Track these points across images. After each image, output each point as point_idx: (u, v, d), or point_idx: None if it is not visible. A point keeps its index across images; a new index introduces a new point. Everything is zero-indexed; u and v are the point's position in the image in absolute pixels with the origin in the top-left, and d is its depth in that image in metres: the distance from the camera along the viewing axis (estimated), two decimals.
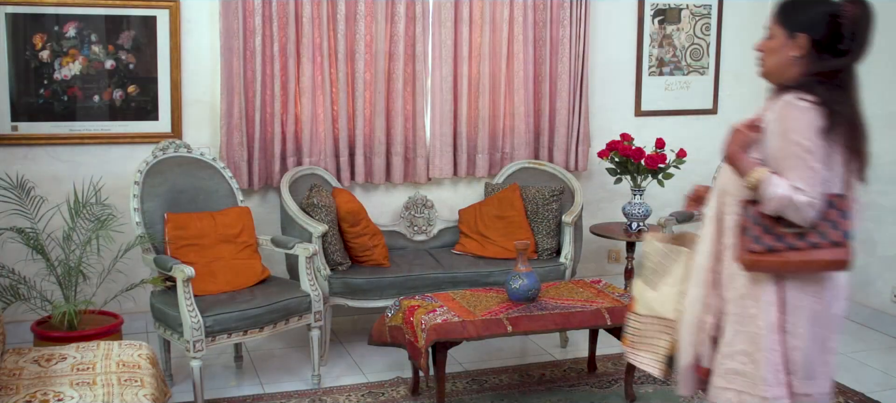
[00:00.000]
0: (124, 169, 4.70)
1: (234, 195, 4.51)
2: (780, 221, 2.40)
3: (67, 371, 3.11)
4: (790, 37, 2.51)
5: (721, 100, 6.04)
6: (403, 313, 3.99)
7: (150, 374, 3.18)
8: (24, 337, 4.46)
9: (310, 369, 4.31)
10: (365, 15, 5.00)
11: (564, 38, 5.39)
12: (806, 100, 2.39)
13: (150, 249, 4.16)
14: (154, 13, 4.76)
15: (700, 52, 5.92)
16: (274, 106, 4.92)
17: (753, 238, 2.41)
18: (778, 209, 2.38)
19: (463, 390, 4.25)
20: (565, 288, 4.30)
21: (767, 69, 2.61)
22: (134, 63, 4.78)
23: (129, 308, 4.55)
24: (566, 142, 5.49)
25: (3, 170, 4.51)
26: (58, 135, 4.71)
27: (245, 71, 4.85)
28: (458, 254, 5.01)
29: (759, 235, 2.41)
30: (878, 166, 5.31)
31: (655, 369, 2.87)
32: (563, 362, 4.61)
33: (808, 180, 2.36)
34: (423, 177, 5.28)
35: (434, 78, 5.23)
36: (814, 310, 2.46)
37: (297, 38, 4.93)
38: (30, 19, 4.59)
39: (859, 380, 4.43)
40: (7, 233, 4.21)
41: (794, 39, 2.50)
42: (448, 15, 5.16)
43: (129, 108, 4.82)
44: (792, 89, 2.43)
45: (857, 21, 2.47)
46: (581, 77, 5.45)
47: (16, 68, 4.60)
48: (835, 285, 2.50)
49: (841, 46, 2.47)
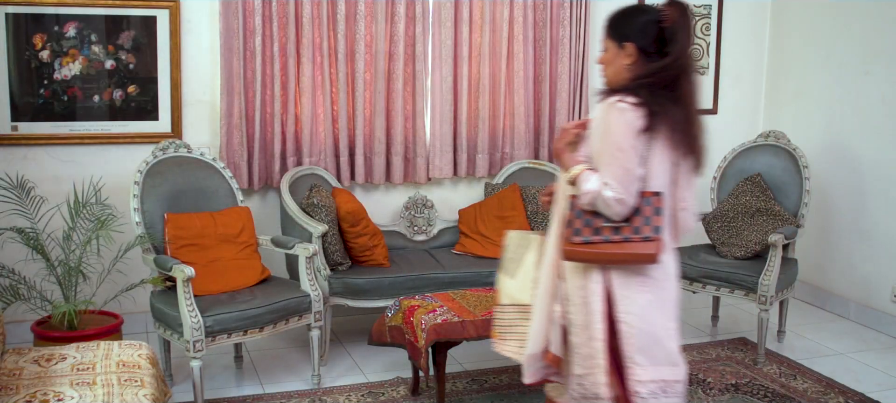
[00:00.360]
0: (124, 169, 4.70)
1: (234, 195, 4.51)
2: (600, 216, 2.59)
3: (67, 371, 3.11)
4: (620, 47, 2.68)
5: (721, 100, 6.04)
6: (403, 313, 3.99)
7: (150, 374, 3.18)
8: (24, 337, 4.46)
9: (310, 369, 4.30)
10: (365, 15, 5.00)
11: (564, 38, 5.39)
12: (626, 103, 2.55)
13: (150, 249, 4.16)
14: (154, 13, 4.76)
15: (700, 52, 5.92)
16: (274, 106, 4.92)
17: (574, 230, 2.61)
18: (590, 203, 2.58)
19: (463, 390, 4.25)
20: None
21: (608, 79, 2.75)
22: (134, 63, 4.78)
23: (129, 308, 4.55)
24: None
25: (3, 170, 4.51)
26: (58, 135, 4.71)
27: (245, 71, 4.85)
28: (458, 254, 5.01)
29: (579, 228, 2.60)
30: (879, 166, 5.35)
31: (521, 356, 2.90)
32: None
33: (619, 178, 2.53)
34: (423, 177, 5.28)
35: (434, 78, 5.23)
36: (643, 298, 2.60)
37: (297, 38, 4.93)
38: (30, 19, 4.59)
39: (859, 380, 4.43)
40: (7, 233, 4.21)
41: (623, 49, 2.67)
42: (448, 15, 5.16)
43: (129, 108, 4.82)
44: (618, 92, 2.61)
45: (677, 23, 2.61)
46: (581, 77, 5.45)
47: (16, 68, 4.60)
48: (662, 274, 2.63)
49: (665, 49, 2.62)
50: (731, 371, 4.50)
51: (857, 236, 5.38)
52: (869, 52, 5.27)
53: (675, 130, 2.59)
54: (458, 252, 5.05)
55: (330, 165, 5.07)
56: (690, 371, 4.47)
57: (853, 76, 5.38)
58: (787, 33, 5.91)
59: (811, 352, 4.84)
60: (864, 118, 5.31)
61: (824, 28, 5.60)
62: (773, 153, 5.04)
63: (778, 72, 6.01)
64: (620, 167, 2.54)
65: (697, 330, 5.18)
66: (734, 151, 5.18)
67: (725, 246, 4.90)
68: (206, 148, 4.74)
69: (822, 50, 5.62)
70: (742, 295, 4.64)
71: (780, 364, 4.61)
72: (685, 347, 4.84)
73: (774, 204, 4.87)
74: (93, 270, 4.22)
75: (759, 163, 5.06)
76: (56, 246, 4.23)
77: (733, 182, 5.10)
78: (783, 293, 4.73)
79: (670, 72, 2.60)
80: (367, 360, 4.62)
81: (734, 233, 4.90)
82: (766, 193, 4.91)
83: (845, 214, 5.45)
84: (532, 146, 5.47)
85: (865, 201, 5.31)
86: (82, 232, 4.17)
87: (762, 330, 4.58)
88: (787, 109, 5.91)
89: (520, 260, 2.93)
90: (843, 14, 5.45)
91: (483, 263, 4.82)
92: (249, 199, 4.95)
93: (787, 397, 4.19)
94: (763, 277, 4.52)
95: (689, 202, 2.70)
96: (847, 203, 5.43)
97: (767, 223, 4.82)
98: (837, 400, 4.16)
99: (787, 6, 5.91)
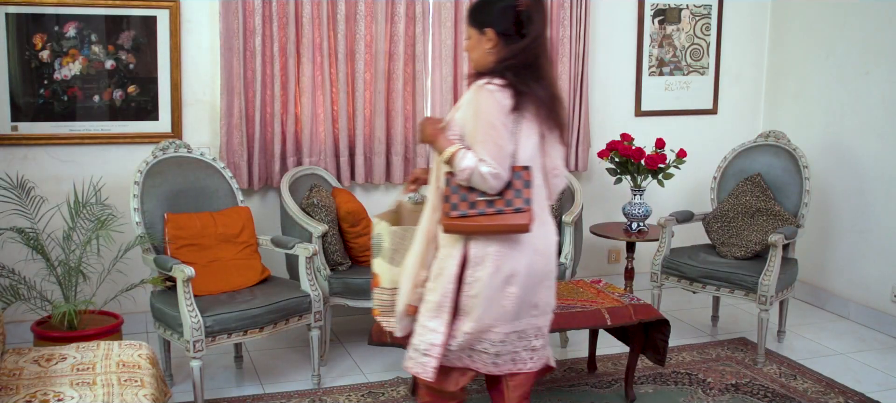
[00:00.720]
0: (124, 169, 4.70)
1: (234, 195, 4.51)
2: (475, 190, 2.79)
3: (67, 371, 3.11)
4: (481, 34, 2.89)
5: (721, 100, 6.04)
6: None
7: (150, 374, 3.18)
8: (24, 337, 4.47)
9: (310, 369, 4.31)
10: (365, 15, 5.00)
11: (564, 38, 5.39)
12: (494, 84, 2.77)
13: (150, 249, 4.16)
14: (154, 13, 4.76)
15: (700, 52, 5.92)
16: (274, 106, 4.92)
17: (452, 205, 2.81)
18: (467, 179, 2.76)
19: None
20: (565, 288, 4.30)
21: (474, 64, 2.95)
22: (134, 63, 4.78)
23: (129, 308, 4.55)
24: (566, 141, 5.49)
25: (3, 170, 4.51)
26: (58, 135, 4.71)
27: (245, 71, 4.85)
28: None
29: (456, 203, 2.80)
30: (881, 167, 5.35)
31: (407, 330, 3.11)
32: (563, 362, 4.61)
33: (493, 154, 2.74)
34: None
35: (434, 78, 5.23)
36: (495, 266, 2.82)
37: (297, 38, 4.93)
38: (30, 19, 4.59)
39: (859, 380, 4.43)
40: (7, 233, 4.21)
41: (484, 35, 2.88)
42: (448, 15, 5.16)
43: (129, 108, 4.82)
44: (484, 75, 2.83)
45: (531, 6, 2.83)
46: (581, 77, 5.45)
47: (16, 68, 4.60)
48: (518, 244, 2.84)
49: (524, 31, 2.83)
50: (731, 371, 4.50)
51: (857, 236, 5.38)
52: (869, 52, 5.27)
53: (539, 107, 2.83)
54: None
55: (330, 165, 5.07)
56: (691, 371, 4.47)
57: (853, 76, 5.38)
58: (787, 33, 5.91)
59: (811, 352, 4.85)
60: (864, 118, 5.31)
61: (824, 28, 5.60)
62: (773, 153, 5.04)
63: (778, 72, 6.01)
64: (494, 144, 2.74)
65: (697, 330, 5.18)
66: (734, 151, 5.18)
67: (725, 247, 4.90)
68: (206, 148, 4.75)
69: (822, 50, 5.62)
70: (742, 295, 4.64)
71: (780, 364, 4.61)
72: (685, 347, 4.85)
73: (774, 204, 4.87)
74: (93, 270, 4.22)
75: (759, 163, 5.06)
76: (56, 246, 4.23)
77: (733, 182, 5.09)
78: (783, 293, 4.73)
79: (530, 53, 2.82)
80: (367, 360, 4.62)
81: (734, 233, 4.90)
82: (766, 193, 4.92)
83: (845, 214, 5.45)
84: None
85: (865, 201, 5.31)
86: (82, 232, 4.17)
87: (762, 330, 4.58)
88: (787, 109, 5.91)
89: (403, 249, 3.11)
90: (843, 14, 5.45)
91: None
92: (249, 199, 4.95)
93: (787, 397, 4.19)
94: (763, 277, 4.52)
95: (559, 169, 2.98)
96: (847, 203, 5.43)
97: (767, 223, 4.82)
98: (837, 400, 4.16)
99: (787, 6, 5.91)
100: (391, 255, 3.15)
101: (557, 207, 4.96)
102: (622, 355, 4.59)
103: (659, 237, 4.96)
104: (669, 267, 4.85)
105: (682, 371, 4.48)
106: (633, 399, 4.13)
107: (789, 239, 4.66)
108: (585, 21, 5.41)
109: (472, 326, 2.88)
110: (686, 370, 4.51)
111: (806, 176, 4.89)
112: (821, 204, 5.53)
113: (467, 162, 2.75)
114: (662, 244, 4.89)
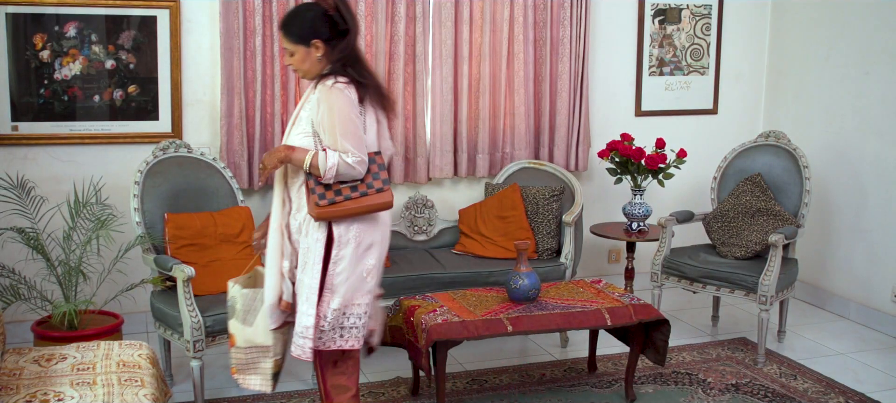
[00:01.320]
0: (124, 169, 4.70)
1: (234, 195, 4.51)
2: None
3: (67, 371, 3.11)
4: (308, 47, 3.14)
5: (721, 100, 6.04)
6: (403, 313, 3.99)
7: (151, 374, 3.18)
8: (24, 337, 4.47)
9: (310, 369, 4.30)
10: (365, 15, 5.00)
11: (564, 38, 5.40)
12: (342, 83, 3.09)
13: (150, 249, 4.16)
14: (154, 13, 4.76)
15: (700, 52, 5.92)
16: (274, 106, 4.92)
17: (319, 195, 3.08)
18: (337, 175, 3.05)
19: (463, 390, 4.25)
20: (565, 288, 4.30)
21: (305, 74, 3.20)
22: (134, 63, 4.78)
23: (129, 308, 4.55)
24: (566, 142, 5.49)
25: (3, 170, 4.51)
26: (58, 135, 4.71)
27: (245, 71, 4.85)
28: (459, 254, 5.01)
29: (322, 193, 3.08)
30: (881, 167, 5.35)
31: (267, 387, 3.34)
32: (563, 362, 4.61)
33: (355, 144, 3.06)
34: (423, 177, 5.28)
35: (434, 78, 5.23)
36: (357, 242, 3.14)
37: None
38: (30, 19, 4.59)
39: (859, 380, 4.43)
40: (7, 233, 4.21)
41: (312, 47, 3.13)
42: (448, 15, 5.16)
43: (130, 108, 4.82)
44: (328, 76, 3.12)
45: (338, 5, 3.12)
46: (581, 77, 5.45)
47: (16, 68, 4.61)
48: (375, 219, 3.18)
49: (342, 29, 3.13)
50: (731, 371, 4.50)
51: (857, 236, 5.38)
52: (869, 52, 5.27)
53: (374, 96, 3.17)
54: (458, 252, 5.04)
55: None
56: (691, 371, 4.47)
57: (853, 76, 5.38)
58: (787, 33, 5.91)
59: (811, 352, 4.85)
60: (864, 118, 5.31)
61: (824, 28, 5.60)
62: (774, 153, 5.04)
63: (778, 72, 6.01)
64: (353, 135, 3.06)
65: (698, 330, 5.18)
66: (734, 151, 5.18)
67: (725, 247, 4.90)
68: (206, 148, 4.75)
69: (822, 50, 5.62)
70: (742, 295, 4.64)
71: (780, 364, 4.61)
72: (685, 347, 4.84)
73: (774, 204, 4.87)
74: (93, 270, 4.22)
75: (759, 163, 5.06)
76: (56, 246, 4.23)
77: (733, 182, 5.10)
78: (783, 293, 4.73)
79: (352, 46, 3.14)
80: (367, 360, 4.61)
81: (734, 233, 4.90)
82: (767, 193, 4.92)
83: (845, 214, 5.45)
84: (532, 146, 5.47)
85: (865, 201, 5.31)
86: (82, 232, 4.17)
87: (762, 330, 4.58)
88: (788, 109, 5.92)
89: (254, 310, 3.27)
90: (843, 14, 5.45)
91: (483, 263, 4.82)
92: (250, 199, 4.95)
93: (788, 397, 4.19)
94: (763, 277, 4.52)
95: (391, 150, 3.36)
96: (847, 203, 5.43)
97: (767, 223, 4.82)
98: (837, 400, 4.16)
99: (787, 6, 5.91)
100: (244, 316, 3.30)
101: (558, 208, 4.97)
102: (622, 355, 4.59)
103: (659, 237, 4.96)
104: (669, 267, 4.85)
105: (682, 371, 4.48)
106: (634, 399, 4.13)
107: (789, 239, 4.66)
108: (585, 21, 5.41)
109: (339, 302, 3.14)
110: (686, 370, 4.51)
111: (806, 176, 4.89)
112: (821, 204, 5.53)
113: (331, 160, 3.04)
114: (662, 244, 4.89)
